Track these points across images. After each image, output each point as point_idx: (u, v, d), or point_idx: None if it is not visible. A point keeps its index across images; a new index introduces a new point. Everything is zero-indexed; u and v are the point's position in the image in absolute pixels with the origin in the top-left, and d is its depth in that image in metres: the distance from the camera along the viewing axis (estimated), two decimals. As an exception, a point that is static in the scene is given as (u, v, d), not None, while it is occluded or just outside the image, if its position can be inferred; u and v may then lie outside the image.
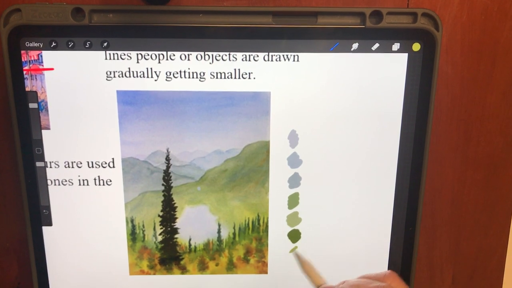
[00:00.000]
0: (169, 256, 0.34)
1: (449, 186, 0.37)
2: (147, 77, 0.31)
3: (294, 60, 0.31)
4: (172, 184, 0.33)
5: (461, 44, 0.34)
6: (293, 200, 0.33)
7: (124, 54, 0.30)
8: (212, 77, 0.31)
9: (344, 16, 0.30)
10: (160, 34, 0.30)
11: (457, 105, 0.35)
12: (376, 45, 0.30)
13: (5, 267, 0.38)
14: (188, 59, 0.30)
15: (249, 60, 0.31)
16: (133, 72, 0.31)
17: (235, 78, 0.31)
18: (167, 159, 0.32)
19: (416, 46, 0.31)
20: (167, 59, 0.30)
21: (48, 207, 0.33)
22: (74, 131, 0.31)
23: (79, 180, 0.32)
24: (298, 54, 0.30)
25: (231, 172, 0.33)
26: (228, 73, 0.31)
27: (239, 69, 0.31)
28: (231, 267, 0.35)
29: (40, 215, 0.33)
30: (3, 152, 0.35)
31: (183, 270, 0.35)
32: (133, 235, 0.34)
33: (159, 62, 0.30)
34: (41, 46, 0.30)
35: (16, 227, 0.37)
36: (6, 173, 0.36)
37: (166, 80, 0.31)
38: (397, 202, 0.33)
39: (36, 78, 0.30)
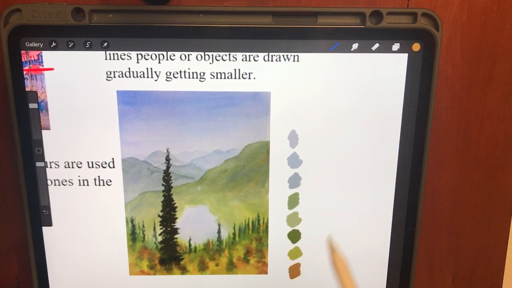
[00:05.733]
0: (169, 256, 0.34)
1: (449, 186, 0.37)
2: (147, 77, 0.31)
3: (294, 60, 0.31)
4: (172, 184, 0.33)
5: (461, 44, 0.34)
6: (293, 200, 0.33)
7: (124, 54, 0.30)
8: (212, 77, 0.31)
9: (344, 16, 0.30)
10: (160, 34, 0.30)
11: (457, 105, 0.35)
12: (376, 45, 0.31)
13: (5, 267, 0.38)
14: (188, 59, 0.30)
15: (249, 60, 0.31)
16: (133, 72, 0.31)
17: (235, 78, 0.31)
18: (167, 159, 0.32)
19: (416, 46, 0.31)
20: (167, 59, 0.30)
21: (48, 207, 0.33)
22: (74, 131, 0.31)
23: (79, 180, 0.32)
24: (298, 54, 0.30)
25: (231, 172, 0.33)
26: (228, 73, 0.31)
27: (239, 69, 0.31)
28: (231, 267, 0.35)
29: (40, 215, 0.33)
30: (3, 152, 0.35)
31: (183, 270, 0.35)
32: (133, 235, 0.34)
33: (159, 62, 0.30)
34: (41, 46, 0.30)
35: (16, 227, 0.37)
36: (6, 173, 0.36)
37: (166, 80, 0.31)
38: (397, 202, 0.33)
39: (36, 78, 0.30)
